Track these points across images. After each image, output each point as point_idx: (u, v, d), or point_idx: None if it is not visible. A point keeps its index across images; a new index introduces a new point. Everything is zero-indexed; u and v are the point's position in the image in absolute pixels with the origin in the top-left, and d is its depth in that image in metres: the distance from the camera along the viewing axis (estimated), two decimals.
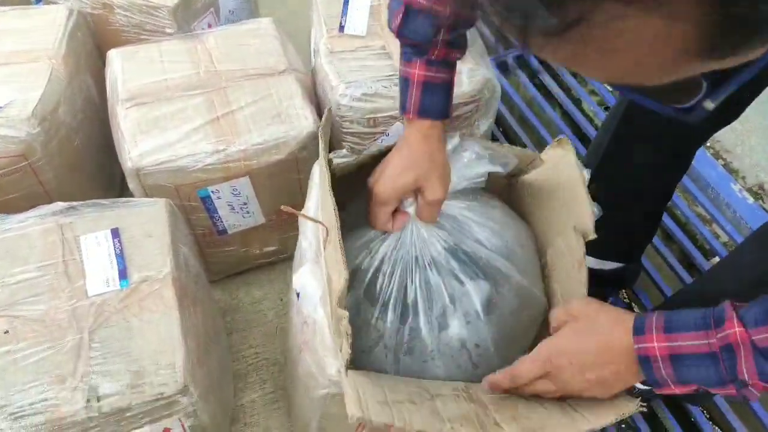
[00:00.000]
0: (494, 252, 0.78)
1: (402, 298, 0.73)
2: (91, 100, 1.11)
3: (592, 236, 0.75)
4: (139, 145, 0.93)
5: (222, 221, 1.03)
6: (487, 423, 0.63)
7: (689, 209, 1.37)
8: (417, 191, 0.75)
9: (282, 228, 1.11)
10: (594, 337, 0.59)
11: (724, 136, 1.47)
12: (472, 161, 0.81)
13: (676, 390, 0.55)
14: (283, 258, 1.20)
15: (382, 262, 0.74)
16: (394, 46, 1.10)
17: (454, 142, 0.81)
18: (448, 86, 0.76)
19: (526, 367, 0.64)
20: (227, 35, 1.12)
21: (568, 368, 0.60)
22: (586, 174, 0.81)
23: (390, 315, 0.72)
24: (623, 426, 1.11)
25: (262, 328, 1.14)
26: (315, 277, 0.74)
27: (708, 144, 1.47)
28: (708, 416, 1.11)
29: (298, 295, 0.76)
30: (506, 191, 0.93)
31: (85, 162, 1.09)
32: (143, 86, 1.01)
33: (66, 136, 1.01)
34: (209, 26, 1.27)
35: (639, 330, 0.56)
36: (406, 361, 0.72)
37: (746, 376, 0.51)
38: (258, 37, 1.12)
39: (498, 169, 0.83)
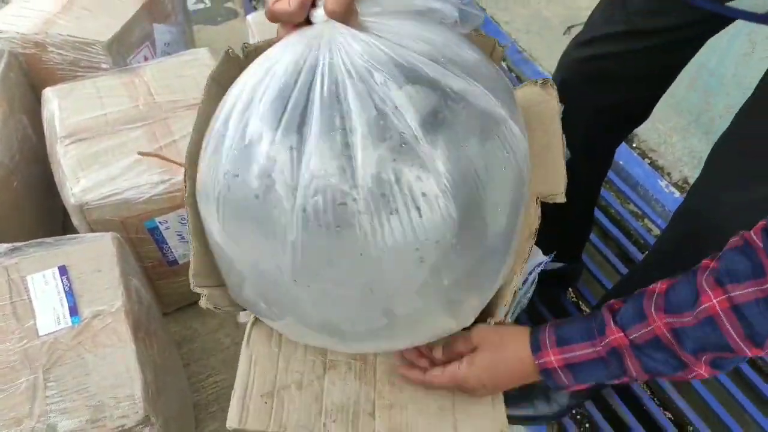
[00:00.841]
0: (447, 63, 0.56)
1: (306, 117, 0.53)
2: (28, 140, 1.09)
3: (561, 200, 0.69)
4: (81, 181, 0.93)
5: (172, 251, 1.03)
6: (360, 413, 0.68)
7: (622, 207, 1.45)
8: None
9: None
10: (505, 364, 0.65)
11: (647, 135, 1.56)
12: None
13: (574, 388, 0.63)
14: None
15: (282, 74, 0.55)
16: None
17: None
18: None
19: (439, 380, 0.68)
20: (164, 67, 1.13)
21: (481, 389, 0.66)
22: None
23: (292, 139, 0.53)
24: (578, 417, 1.16)
25: (221, 355, 1.13)
26: None
27: (634, 144, 1.57)
28: (658, 402, 1.17)
29: None
30: None
31: (25, 203, 1.07)
32: (82, 122, 1.01)
33: (4, 178, 0.99)
34: (145, 59, 1.27)
35: (536, 347, 0.63)
36: (318, 207, 0.52)
37: (633, 372, 0.57)
38: (195, 68, 1.13)
39: (455, 15, 0.62)
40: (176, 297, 1.14)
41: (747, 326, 0.50)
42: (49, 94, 1.05)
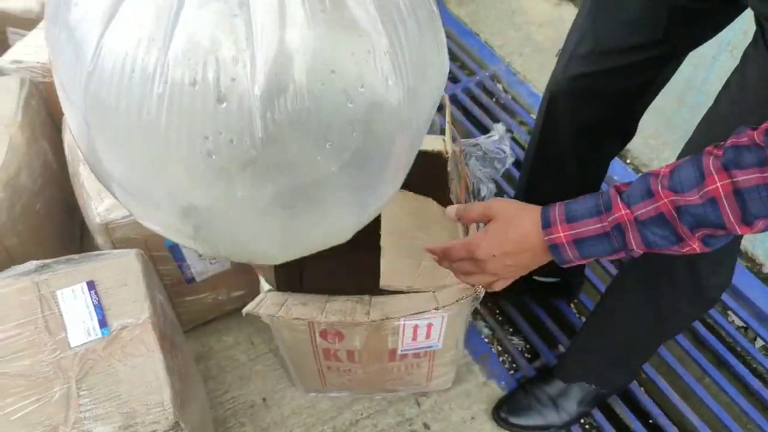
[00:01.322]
0: None
1: None
2: (49, 165, 1.13)
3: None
4: (104, 201, 0.96)
5: (190, 269, 1.06)
6: (357, 313, 0.85)
7: None
8: None
9: (249, 271, 1.15)
10: (514, 233, 0.68)
11: (640, 151, 1.62)
12: None
13: (577, 263, 0.66)
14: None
15: None
16: None
17: None
18: None
19: (455, 248, 0.73)
20: None
21: (493, 260, 0.69)
22: (455, 147, 0.86)
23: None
24: (587, 426, 1.18)
25: (237, 372, 1.16)
26: None
27: (628, 160, 1.62)
28: (664, 411, 1.20)
29: None
30: None
31: (47, 225, 1.10)
32: None
33: (28, 201, 1.03)
34: None
35: (546, 223, 0.66)
36: (118, 49, 0.46)
37: (634, 245, 0.62)
38: None
39: None
40: (193, 315, 1.16)
41: (743, 209, 0.55)
42: None
